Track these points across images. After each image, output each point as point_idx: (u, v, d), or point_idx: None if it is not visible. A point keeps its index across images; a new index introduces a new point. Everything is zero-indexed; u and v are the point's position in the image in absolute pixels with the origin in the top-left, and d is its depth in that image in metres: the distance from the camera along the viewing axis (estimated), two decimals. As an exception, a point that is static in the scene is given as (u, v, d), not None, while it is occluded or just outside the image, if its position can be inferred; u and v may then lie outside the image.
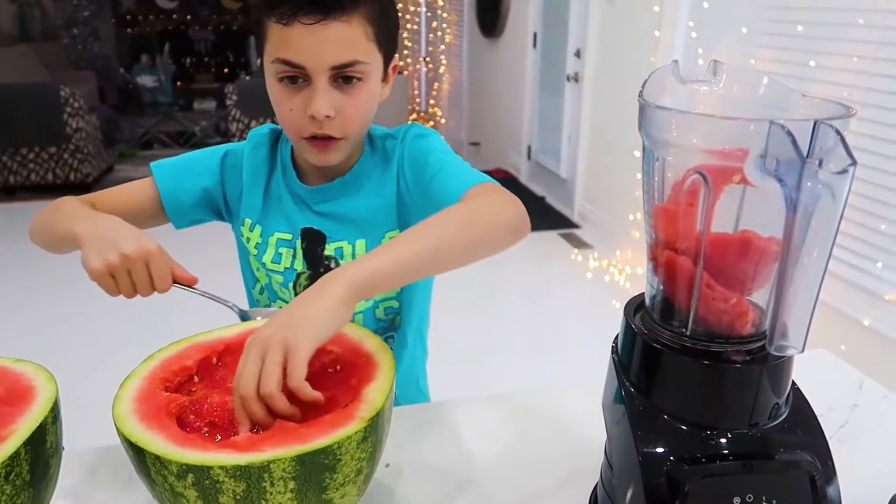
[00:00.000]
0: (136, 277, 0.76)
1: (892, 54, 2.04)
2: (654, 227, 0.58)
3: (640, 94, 0.55)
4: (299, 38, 0.79)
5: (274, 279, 0.96)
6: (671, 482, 0.55)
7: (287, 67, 0.81)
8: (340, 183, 0.94)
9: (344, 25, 0.79)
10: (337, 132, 0.85)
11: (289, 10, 0.78)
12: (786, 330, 0.49)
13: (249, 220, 0.97)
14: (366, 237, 0.94)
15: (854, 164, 0.43)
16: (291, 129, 0.87)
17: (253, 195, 0.96)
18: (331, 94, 0.82)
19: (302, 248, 0.95)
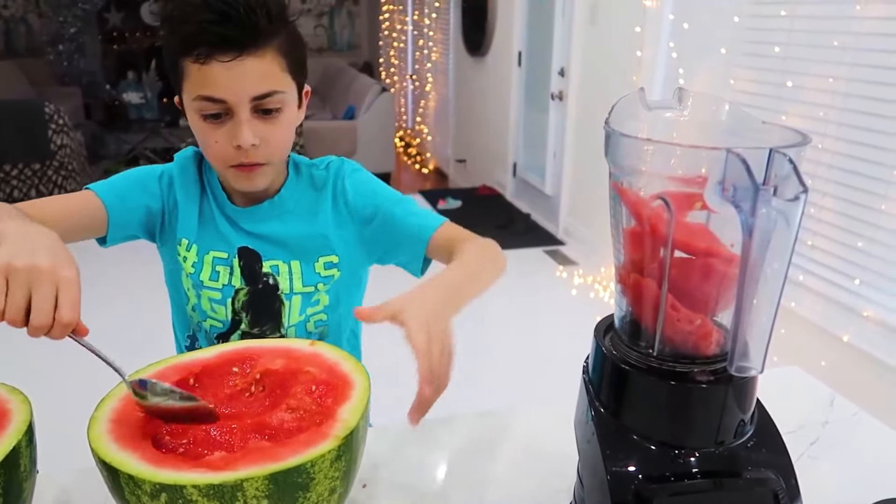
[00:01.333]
0: (37, 297, 0.60)
1: (867, 75, 2.09)
2: (620, 251, 0.59)
3: (606, 122, 0.56)
4: (218, 75, 0.83)
5: (208, 296, 0.99)
6: (639, 500, 0.56)
7: (209, 104, 0.85)
8: (269, 205, 0.99)
9: (258, 59, 0.84)
10: (262, 159, 0.90)
11: (205, 51, 0.83)
12: (746, 351, 0.51)
13: (186, 241, 0.99)
14: (299, 259, 1.00)
15: (805, 192, 0.45)
16: (218, 160, 0.91)
17: (188, 216, 0.99)
18: (253, 125, 0.87)
19: (240, 266, 0.99)
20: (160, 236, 1.02)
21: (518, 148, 4.77)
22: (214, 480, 0.54)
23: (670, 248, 0.54)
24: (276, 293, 1.00)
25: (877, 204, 2.08)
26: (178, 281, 1.02)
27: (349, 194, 1.01)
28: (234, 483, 0.54)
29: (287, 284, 1.00)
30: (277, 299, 1.00)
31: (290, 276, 1.00)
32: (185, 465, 0.57)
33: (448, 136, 6.03)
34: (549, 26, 4.07)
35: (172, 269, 1.03)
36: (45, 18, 6.82)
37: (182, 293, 1.03)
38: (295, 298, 1.00)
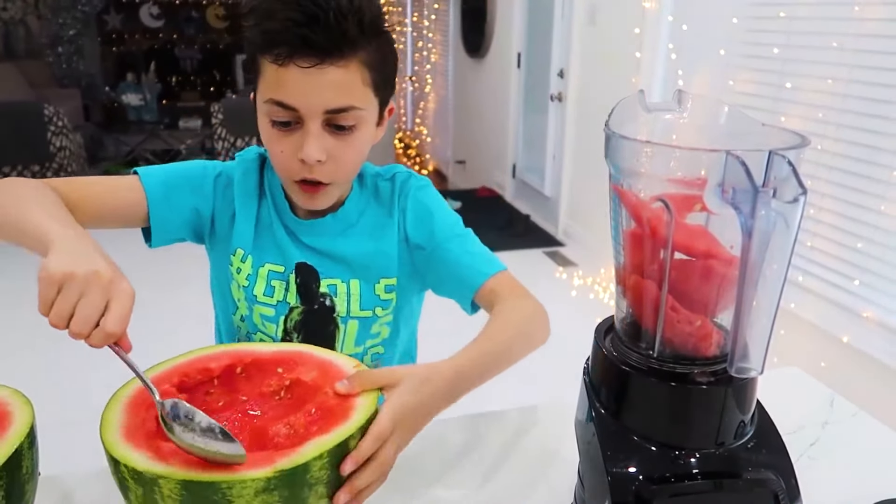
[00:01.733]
0: (85, 304, 0.59)
1: (866, 77, 2.09)
2: (620, 253, 0.59)
3: (606, 124, 0.57)
4: (294, 81, 0.77)
5: (260, 312, 0.94)
6: (640, 501, 0.56)
7: (280, 109, 0.80)
8: (332, 219, 0.93)
9: (341, 70, 0.78)
10: (326, 177, 0.84)
11: (285, 52, 0.77)
12: (745, 352, 0.51)
13: (242, 251, 0.93)
14: (359, 278, 0.94)
15: (805, 194, 0.45)
16: (281, 171, 0.86)
17: (245, 224, 0.93)
18: (323, 139, 0.81)
19: (296, 282, 0.93)
20: (210, 240, 0.96)
21: (517, 149, 4.77)
22: (139, 467, 0.55)
23: (670, 249, 0.55)
24: (332, 315, 0.94)
25: (876, 205, 2.08)
26: (227, 289, 0.97)
27: (408, 213, 0.95)
28: (152, 476, 0.55)
29: (344, 307, 0.94)
30: (333, 322, 0.94)
31: (349, 297, 0.94)
32: (159, 451, 0.58)
33: (447, 138, 6.04)
34: (548, 27, 4.07)
35: (222, 276, 0.97)
36: (45, 20, 6.82)
37: (230, 301, 0.97)
38: (351, 323, 0.95)
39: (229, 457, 0.57)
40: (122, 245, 1.12)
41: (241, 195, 0.93)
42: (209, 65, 7.55)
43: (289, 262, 0.93)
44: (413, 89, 6.95)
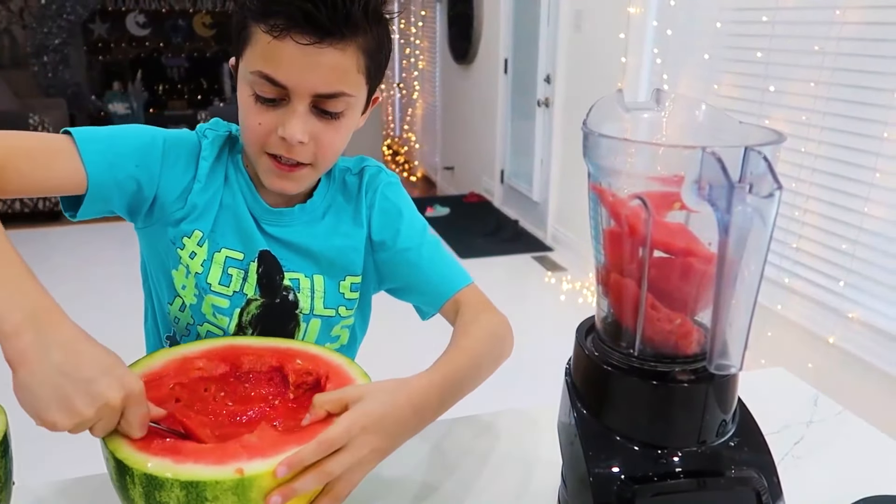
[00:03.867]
0: (102, 426, 0.58)
1: (848, 80, 2.11)
2: (600, 252, 0.59)
3: (584, 123, 0.57)
4: (289, 57, 0.73)
5: (213, 302, 0.86)
6: (622, 501, 0.56)
7: (267, 84, 0.75)
8: (299, 210, 0.89)
9: (338, 53, 0.74)
10: (306, 158, 0.79)
11: (283, 24, 0.72)
12: (724, 349, 0.51)
13: (200, 233, 0.85)
14: (324, 274, 0.91)
15: (780, 189, 0.45)
16: (254, 142, 0.79)
17: (208, 204, 0.86)
18: (308, 121, 0.77)
19: (258, 272, 0.87)
20: (146, 218, 0.86)
21: (505, 155, 4.78)
22: (119, 455, 0.57)
23: (649, 247, 0.55)
24: (294, 312, 0.89)
25: (859, 206, 2.10)
26: (166, 275, 0.87)
27: (375, 209, 0.91)
28: (159, 480, 0.56)
29: (308, 303, 0.89)
30: (294, 319, 0.89)
31: (312, 293, 0.89)
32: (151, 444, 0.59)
33: (436, 144, 6.04)
34: (534, 33, 4.09)
35: (159, 260, 0.88)
36: (30, 30, 6.77)
37: (168, 289, 0.88)
38: (313, 322, 0.90)
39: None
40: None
41: (210, 176, 0.86)
42: (196, 73, 7.53)
43: (250, 249, 0.87)
44: (401, 96, 6.96)
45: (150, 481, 0.56)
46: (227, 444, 0.59)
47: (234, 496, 0.56)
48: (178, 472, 0.56)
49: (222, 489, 0.55)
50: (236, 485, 0.55)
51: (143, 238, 0.90)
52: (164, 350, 0.74)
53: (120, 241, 4.27)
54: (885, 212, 2.03)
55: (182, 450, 0.59)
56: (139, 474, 0.57)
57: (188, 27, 7.54)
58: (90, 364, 0.57)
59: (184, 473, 0.56)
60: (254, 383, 0.74)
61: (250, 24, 0.75)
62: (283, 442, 0.59)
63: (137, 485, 0.57)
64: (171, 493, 0.56)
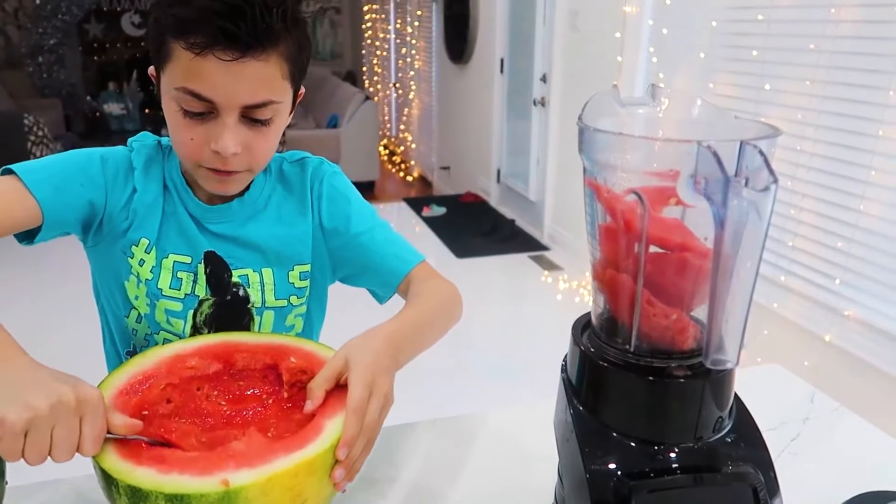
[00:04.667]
0: (60, 434, 0.56)
1: (844, 77, 2.12)
2: (596, 248, 0.59)
3: (579, 118, 0.56)
4: (212, 73, 0.73)
5: (166, 307, 0.88)
6: (618, 497, 0.56)
7: (193, 100, 0.75)
8: (238, 204, 0.89)
9: (261, 64, 0.74)
10: (240, 166, 0.81)
11: (202, 42, 0.71)
12: (721, 343, 0.51)
13: (147, 241, 0.86)
14: (272, 266, 0.91)
15: (776, 183, 0.45)
16: (189, 157, 0.81)
17: (150, 212, 0.87)
18: (239, 132, 0.77)
19: (205, 272, 0.88)
20: (95, 234, 0.87)
21: (502, 154, 4.78)
22: (133, 482, 0.56)
23: (644, 243, 0.54)
24: (247, 306, 0.90)
25: (855, 204, 2.10)
26: (120, 288, 0.88)
27: (324, 199, 0.93)
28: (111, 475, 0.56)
29: (259, 297, 0.90)
30: (247, 314, 0.90)
31: (262, 287, 0.90)
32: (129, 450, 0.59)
33: (432, 144, 6.04)
34: (530, 33, 4.09)
35: (111, 274, 0.89)
36: (24, 30, 6.76)
37: (123, 302, 0.89)
38: (267, 314, 0.91)
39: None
40: None
41: (144, 183, 0.87)
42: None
43: (196, 251, 0.88)
44: (397, 96, 6.96)
45: (134, 493, 0.55)
46: (214, 453, 0.58)
47: None
48: (163, 484, 0.55)
49: (208, 501, 0.54)
50: (222, 497, 0.54)
51: (93, 256, 0.91)
52: (157, 348, 0.73)
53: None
54: (881, 210, 2.04)
55: (168, 459, 0.58)
56: (124, 485, 0.56)
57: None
58: (47, 375, 0.59)
59: (168, 486, 0.55)
60: (248, 381, 0.73)
61: (169, 39, 0.74)
62: (271, 449, 0.59)
63: (123, 495, 0.56)
64: None
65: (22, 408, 0.54)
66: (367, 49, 7.68)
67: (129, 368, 0.69)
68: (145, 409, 0.66)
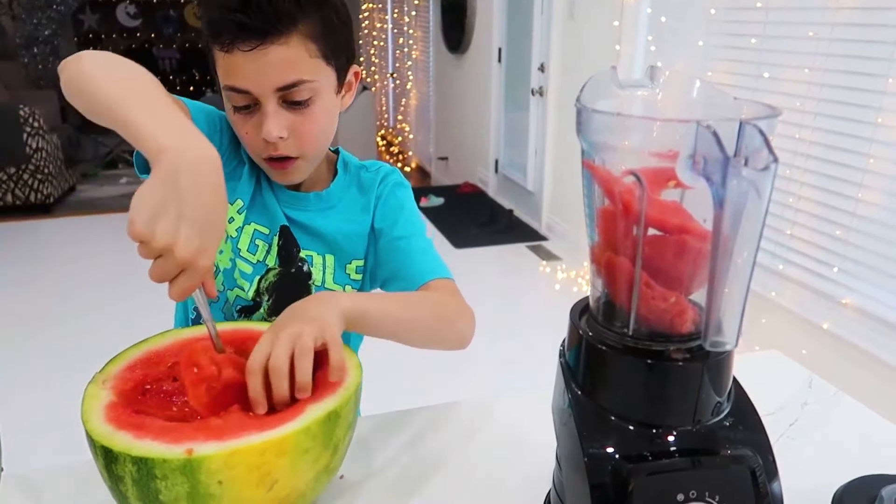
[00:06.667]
0: (159, 264, 0.60)
1: (842, 65, 2.11)
2: (594, 230, 0.58)
3: (577, 99, 0.56)
4: (241, 65, 0.79)
5: (239, 266, 0.93)
6: (616, 480, 0.55)
7: (235, 94, 0.82)
8: (315, 198, 0.95)
9: (282, 47, 0.79)
10: (292, 152, 0.85)
11: (227, 38, 0.78)
12: (719, 325, 0.50)
13: (241, 202, 0.93)
14: (334, 255, 0.97)
15: (776, 162, 0.44)
16: (252, 151, 0.88)
17: (249, 179, 0.93)
18: (281, 116, 0.82)
19: (278, 244, 0.94)
20: None
21: (500, 144, 4.77)
22: (105, 443, 0.57)
23: (643, 225, 0.54)
24: (308, 282, 0.95)
25: (853, 192, 2.10)
26: None
27: (381, 201, 0.97)
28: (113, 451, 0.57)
29: (320, 276, 0.96)
30: (307, 289, 0.95)
31: (324, 268, 0.96)
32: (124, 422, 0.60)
33: (430, 134, 6.03)
34: (528, 22, 4.08)
35: None
36: (19, 21, 6.72)
37: None
38: None
39: None
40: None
41: (247, 156, 0.93)
42: (188, 64, 7.49)
43: (275, 225, 0.94)
44: (394, 86, 6.93)
45: (106, 454, 0.57)
46: (189, 425, 0.60)
47: (183, 476, 0.56)
48: (131, 447, 0.57)
49: (170, 468, 0.56)
50: (184, 465, 0.56)
51: None
52: (173, 331, 0.76)
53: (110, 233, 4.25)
54: (879, 197, 2.04)
55: (145, 426, 0.59)
56: (98, 445, 0.58)
57: (179, 18, 7.49)
58: (196, 209, 0.60)
59: (135, 449, 0.56)
60: None
61: (211, 46, 0.81)
62: (247, 426, 0.60)
63: (99, 456, 0.59)
64: (125, 468, 0.57)
65: (146, 224, 0.58)
66: (364, 39, 7.64)
67: (141, 347, 0.72)
68: (148, 383, 0.68)
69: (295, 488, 0.62)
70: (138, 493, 0.57)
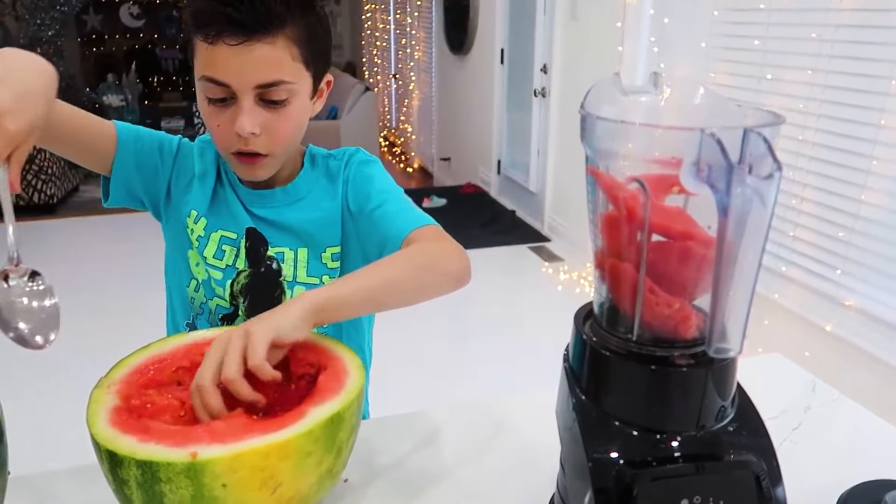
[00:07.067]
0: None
1: (845, 67, 2.11)
2: (598, 236, 0.59)
3: (581, 106, 0.56)
4: (224, 58, 0.80)
5: (212, 275, 0.96)
6: (620, 486, 0.56)
7: (213, 86, 0.83)
8: (282, 193, 0.96)
9: (268, 46, 0.81)
10: (263, 149, 0.86)
11: (214, 30, 0.79)
12: (724, 332, 0.50)
13: (196, 212, 0.96)
14: (307, 247, 0.97)
15: (779, 170, 0.45)
16: (220, 144, 0.88)
17: (202, 190, 0.96)
18: (256, 112, 0.83)
19: (245, 247, 0.96)
20: (165, 209, 0.98)
21: (502, 145, 4.78)
22: (110, 447, 0.57)
23: (647, 231, 0.54)
24: (278, 279, 0.96)
25: (856, 194, 2.10)
26: (185, 258, 0.98)
27: (350, 182, 0.97)
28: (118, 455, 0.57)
29: (291, 272, 0.96)
30: (279, 287, 0.96)
31: (296, 263, 0.96)
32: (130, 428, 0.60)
33: (432, 135, 6.03)
34: (530, 23, 4.08)
35: (177, 247, 0.99)
36: (22, 21, 6.72)
37: (186, 271, 0.99)
38: (297, 289, 0.96)
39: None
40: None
41: (200, 166, 0.97)
42: (191, 65, 7.49)
43: (241, 228, 0.96)
44: (397, 87, 6.94)
45: (111, 457, 0.58)
46: (193, 428, 0.60)
47: (188, 479, 0.56)
48: (136, 451, 0.57)
49: (175, 471, 0.56)
50: (188, 468, 0.56)
51: (166, 232, 1.01)
52: (178, 336, 0.76)
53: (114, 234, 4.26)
54: (882, 199, 2.03)
55: (150, 430, 0.60)
56: (103, 449, 0.58)
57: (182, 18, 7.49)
58: (17, 80, 0.64)
59: (140, 453, 0.57)
60: None
61: (193, 37, 0.83)
62: (249, 429, 0.60)
63: (104, 460, 0.59)
64: (129, 471, 0.57)
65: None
66: (366, 40, 7.64)
67: (146, 351, 0.72)
68: (153, 388, 0.69)
69: (298, 491, 0.62)
70: (143, 496, 0.58)
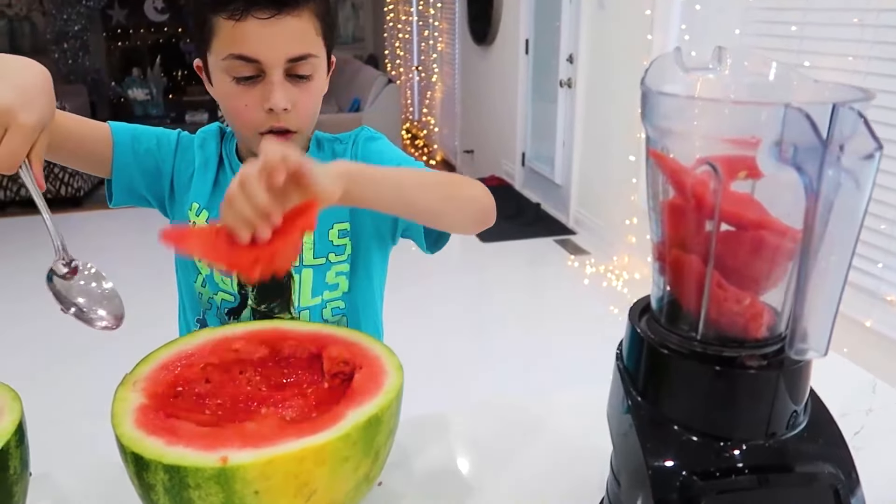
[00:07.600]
0: None
1: (888, 53, 2.02)
2: (659, 225, 0.54)
3: (642, 81, 0.51)
4: (255, 33, 0.79)
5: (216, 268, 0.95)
6: (684, 498, 0.51)
7: (242, 64, 0.81)
8: None
9: (296, 19, 0.81)
10: (293, 125, 0.86)
11: (241, 6, 0.79)
12: (806, 332, 0.45)
13: (197, 205, 0.94)
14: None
15: (880, 149, 0.40)
16: (247, 125, 0.86)
17: (203, 181, 0.95)
18: (286, 87, 0.83)
19: None
20: (169, 204, 0.97)
21: (526, 137, 4.71)
22: (136, 450, 0.54)
23: (717, 220, 0.49)
24: None
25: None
26: None
27: (358, 158, 0.96)
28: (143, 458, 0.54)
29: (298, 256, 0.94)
30: (286, 272, 0.94)
31: (302, 247, 0.93)
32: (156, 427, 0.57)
33: (455, 127, 5.98)
34: (556, 12, 4.00)
35: None
36: (49, 17, 6.79)
37: (192, 266, 0.98)
38: (305, 273, 0.94)
39: None
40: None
41: (202, 157, 0.96)
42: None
43: None
44: (419, 79, 6.89)
45: (137, 461, 0.55)
46: (223, 430, 0.57)
47: (217, 485, 0.53)
48: (163, 454, 0.54)
49: (204, 477, 0.53)
50: (218, 473, 0.52)
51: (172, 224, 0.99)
52: (207, 330, 0.73)
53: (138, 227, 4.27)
54: (930, 190, 1.95)
55: (178, 431, 0.56)
56: (129, 452, 0.55)
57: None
58: (16, 77, 0.64)
59: (167, 457, 0.53)
60: (292, 369, 0.71)
61: (210, 17, 0.81)
62: (282, 433, 0.56)
63: (130, 463, 0.56)
64: (157, 476, 0.54)
65: None
66: (388, 32, 7.60)
67: (174, 346, 0.69)
68: (180, 385, 0.66)
69: (334, 499, 0.58)
70: (171, 502, 0.54)
